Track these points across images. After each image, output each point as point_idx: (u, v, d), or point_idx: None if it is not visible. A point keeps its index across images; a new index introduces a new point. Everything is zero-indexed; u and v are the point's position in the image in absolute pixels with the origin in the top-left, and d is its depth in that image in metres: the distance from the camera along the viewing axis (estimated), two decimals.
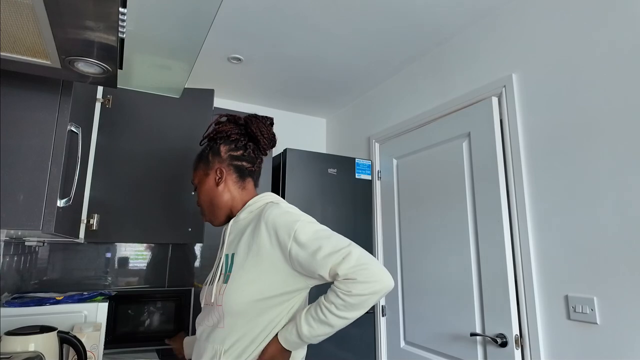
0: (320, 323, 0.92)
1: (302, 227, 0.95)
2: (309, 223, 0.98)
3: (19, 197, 0.92)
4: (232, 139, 1.13)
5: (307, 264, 0.93)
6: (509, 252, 1.62)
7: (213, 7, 0.75)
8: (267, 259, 0.97)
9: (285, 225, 0.96)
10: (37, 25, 0.69)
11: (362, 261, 0.91)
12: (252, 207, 1.08)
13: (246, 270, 0.98)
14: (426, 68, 2.23)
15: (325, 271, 0.91)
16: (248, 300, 0.96)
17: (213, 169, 1.12)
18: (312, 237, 0.94)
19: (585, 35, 1.45)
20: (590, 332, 1.33)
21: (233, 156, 1.12)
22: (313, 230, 0.95)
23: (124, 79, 1.02)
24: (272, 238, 0.97)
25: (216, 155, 1.13)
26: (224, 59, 2.33)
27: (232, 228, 1.09)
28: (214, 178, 1.11)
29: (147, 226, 1.62)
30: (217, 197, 1.11)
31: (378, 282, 0.90)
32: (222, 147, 1.13)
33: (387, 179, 2.45)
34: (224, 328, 0.98)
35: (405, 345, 2.14)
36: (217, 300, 0.99)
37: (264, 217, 1.00)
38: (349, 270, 0.89)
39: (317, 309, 0.94)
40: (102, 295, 1.57)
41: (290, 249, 0.94)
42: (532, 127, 1.61)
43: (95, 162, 1.56)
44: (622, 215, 1.28)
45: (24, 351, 1.03)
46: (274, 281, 0.97)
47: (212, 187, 1.11)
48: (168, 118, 1.72)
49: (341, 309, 0.91)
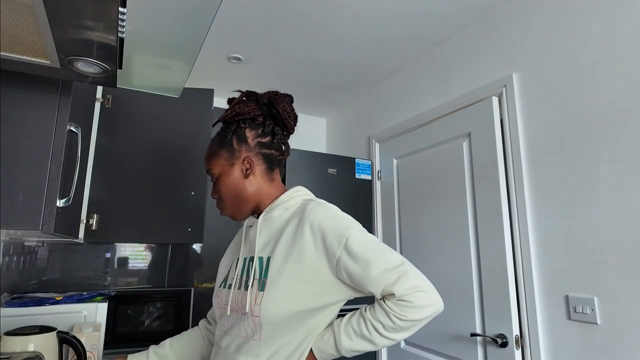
0: (362, 339, 0.86)
1: (355, 235, 0.86)
2: (361, 231, 0.89)
3: (19, 197, 0.91)
4: (257, 122, 0.98)
5: (358, 277, 0.85)
6: (509, 252, 1.62)
7: (213, 6, 0.75)
8: (310, 266, 0.87)
9: (335, 231, 0.87)
10: (37, 25, 0.69)
11: (419, 283, 0.84)
12: (286, 204, 0.97)
13: (286, 276, 0.88)
14: (426, 68, 2.23)
15: (377, 289, 0.84)
16: (289, 311, 0.86)
17: (240, 159, 0.97)
18: (365, 249, 0.85)
19: (586, 35, 1.44)
20: (590, 333, 1.33)
21: (261, 143, 0.99)
22: (367, 241, 0.87)
23: (124, 79, 1.01)
24: (318, 243, 0.87)
25: (242, 141, 0.98)
26: (224, 59, 2.32)
27: (263, 227, 0.97)
28: (242, 169, 0.97)
29: (147, 226, 1.61)
30: (244, 190, 0.97)
31: (432, 306, 0.84)
32: (248, 131, 0.98)
33: (387, 179, 2.44)
34: (260, 340, 0.88)
35: (406, 345, 2.14)
36: (254, 310, 0.87)
37: (308, 217, 0.90)
38: (406, 292, 0.82)
39: (361, 323, 0.86)
40: (102, 295, 1.56)
41: (339, 257, 0.85)
42: (532, 127, 1.61)
43: (95, 162, 1.56)
44: (622, 215, 1.28)
45: (24, 351, 1.03)
46: (317, 291, 0.88)
47: (239, 179, 0.97)
48: (168, 118, 1.72)
49: (389, 330, 0.84)
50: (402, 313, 0.82)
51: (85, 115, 1.31)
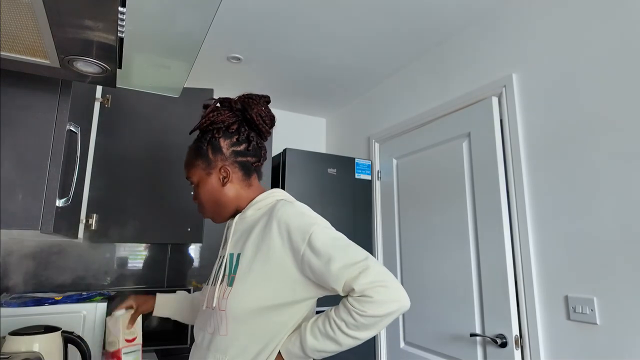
0: (327, 338, 0.85)
1: (318, 231, 0.87)
2: (326, 228, 0.90)
3: (18, 196, 0.91)
4: (231, 130, 1.00)
5: (320, 273, 0.85)
6: (509, 252, 1.62)
7: (213, 6, 0.75)
8: (277, 262, 0.89)
9: (299, 228, 0.88)
10: (36, 25, 0.69)
11: (381, 277, 0.83)
12: (260, 204, 1.00)
13: (253, 272, 0.90)
14: (426, 68, 2.23)
15: (339, 284, 0.84)
16: (255, 306, 0.88)
17: (216, 168, 1.00)
18: (328, 245, 0.85)
19: (586, 35, 1.44)
20: (590, 333, 1.33)
21: (236, 152, 1.01)
22: (330, 237, 0.87)
23: (123, 79, 1.01)
24: (285, 239, 0.88)
25: (217, 151, 1.00)
26: (224, 59, 2.32)
27: (238, 226, 1.01)
28: (219, 178, 1.00)
29: (146, 226, 1.61)
30: (222, 197, 1.01)
31: (395, 302, 0.82)
32: (222, 141, 1.00)
33: (387, 179, 2.44)
34: (227, 335, 0.90)
35: (405, 345, 2.14)
36: (220, 305, 0.90)
37: (276, 215, 0.91)
38: (366, 287, 0.81)
39: (326, 322, 0.86)
40: (101, 295, 1.56)
41: (303, 253, 0.86)
42: (532, 127, 1.61)
43: (95, 162, 1.55)
44: (622, 215, 1.28)
45: (27, 351, 1.02)
46: (283, 287, 0.89)
47: (216, 187, 1.01)
48: (167, 118, 1.72)
49: (352, 328, 0.83)
50: (363, 309, 0.81)
51: (84, 115, 1.31)
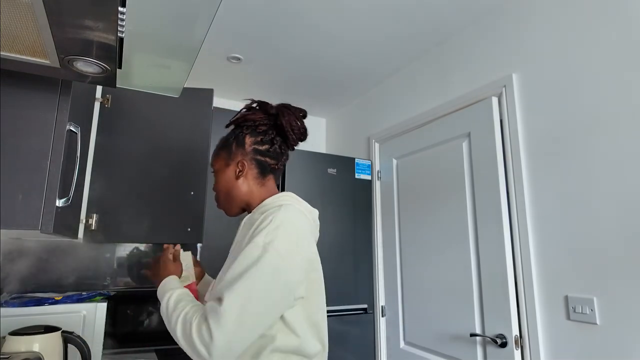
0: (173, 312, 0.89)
1: (268, 256, 0.84)
2: (272, 262, 0.85)
3: (18, 196, 0.91)
4: (259, 130, 1.06)
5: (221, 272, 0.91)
6: (508, 252, 1.62)
7: (213, 6, 0.75)
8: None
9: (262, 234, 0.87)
10: (36, 25, 0.69)
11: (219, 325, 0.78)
12: (265, 208, 1.01)
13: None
14: (426, 68, 2.23)
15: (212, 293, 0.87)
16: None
17: (234, 161, 1.06)
18: (246, 267, 0.83)
19: (586, 35, 1.44)
20: (590, 333, 1.33)
21: (257, 150, 1.06)
22: (257, 271, 0.83)
23: (123, 79, 1.01)
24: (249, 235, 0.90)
25: (240, 146, 1.06)
26: (224, 59, 2.32)
27: (244, 226, 1.02)
28: (235, 170, 1.05)
29: (146, 226, 1.61)
30: (234, 189, 1.05)
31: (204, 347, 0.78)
32: (247, 137, 1.06)
33: (387, 179, 2.44)
34: None
35: (405, 345, 2.14)
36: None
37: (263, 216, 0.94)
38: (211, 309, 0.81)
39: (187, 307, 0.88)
40: (101, 295, 1.56)
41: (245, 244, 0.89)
42: (532, 127, 1.61)
43: (94, 162, 1.55)
44: (622, 215, 1.28)
45: (27, 351, 1.03)
46: None
47: (231, 179, 1.06)
48: (167, 118, 1.72)
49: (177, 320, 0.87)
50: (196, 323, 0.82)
51: (84, 115, 1.31)
